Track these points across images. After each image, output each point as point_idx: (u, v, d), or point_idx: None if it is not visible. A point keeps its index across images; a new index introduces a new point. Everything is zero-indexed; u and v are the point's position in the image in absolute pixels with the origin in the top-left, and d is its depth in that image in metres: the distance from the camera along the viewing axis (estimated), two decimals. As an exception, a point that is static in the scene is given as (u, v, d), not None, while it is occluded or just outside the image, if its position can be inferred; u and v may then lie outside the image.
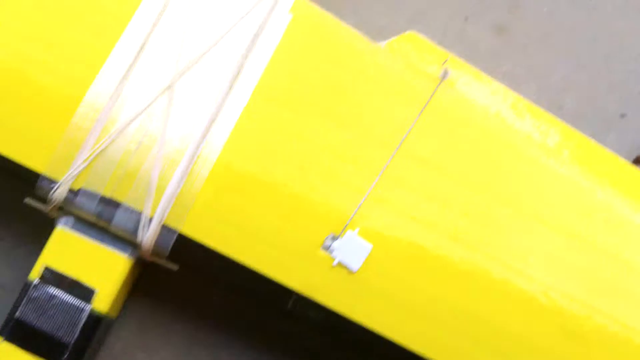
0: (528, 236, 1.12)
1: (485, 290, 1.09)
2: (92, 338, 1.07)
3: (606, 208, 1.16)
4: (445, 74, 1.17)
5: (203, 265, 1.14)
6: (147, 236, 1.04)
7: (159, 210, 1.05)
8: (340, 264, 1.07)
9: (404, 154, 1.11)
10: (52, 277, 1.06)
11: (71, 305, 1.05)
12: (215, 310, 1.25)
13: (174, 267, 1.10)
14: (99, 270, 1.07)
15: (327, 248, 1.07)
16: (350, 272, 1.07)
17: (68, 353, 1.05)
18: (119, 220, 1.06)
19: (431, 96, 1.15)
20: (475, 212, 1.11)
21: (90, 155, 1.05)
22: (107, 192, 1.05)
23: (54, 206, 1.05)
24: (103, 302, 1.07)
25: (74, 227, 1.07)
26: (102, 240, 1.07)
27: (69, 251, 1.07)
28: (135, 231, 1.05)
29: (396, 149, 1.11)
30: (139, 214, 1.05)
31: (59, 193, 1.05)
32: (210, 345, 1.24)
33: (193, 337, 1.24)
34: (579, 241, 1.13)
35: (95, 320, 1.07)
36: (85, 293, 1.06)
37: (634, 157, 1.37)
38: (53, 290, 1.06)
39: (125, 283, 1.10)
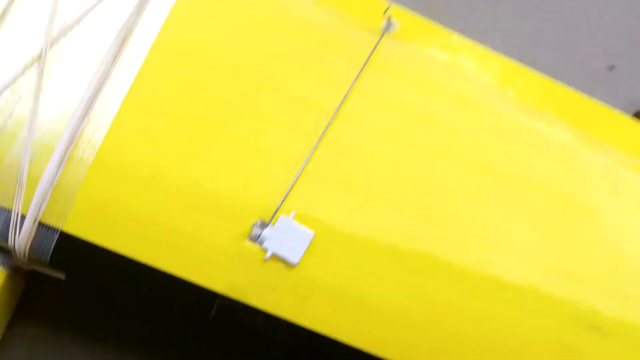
0: (511, 212, 0.90)
1: (463, 281, 0.87)
2: None
3: (611, 171, 0.94)
4: (388, 26, 0.96)
5: (97, 271, 0.91)
6: (21, 239, 0.81)
7: (32, 206, 0.81)
8: (274, 257, 0.84)
9: (346, 119, 0.90)
10: None
11: None
12: (120, 329, 1.01)
13: (60, 275, 0.87)
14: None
15: (255, 238, 0.84)
16: (288, 265, 0.84)
17: None
18: (-18, 222, 0.83)
19: (372, 51, 0.94)
20: (440, 183, 0.90)
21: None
22: (-35, 188, 0.83)
23: None
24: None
25: None
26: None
27: None
28: (5, 234, 0.82)
29: (334, 114, 0.90)
30: (8, 212, 0.82)
31: None
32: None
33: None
34: (581, 214, 0.91)
35: None
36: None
37: (632, 113, 1.15)
38: None
39: (1, 301, 0.87)
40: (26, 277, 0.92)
